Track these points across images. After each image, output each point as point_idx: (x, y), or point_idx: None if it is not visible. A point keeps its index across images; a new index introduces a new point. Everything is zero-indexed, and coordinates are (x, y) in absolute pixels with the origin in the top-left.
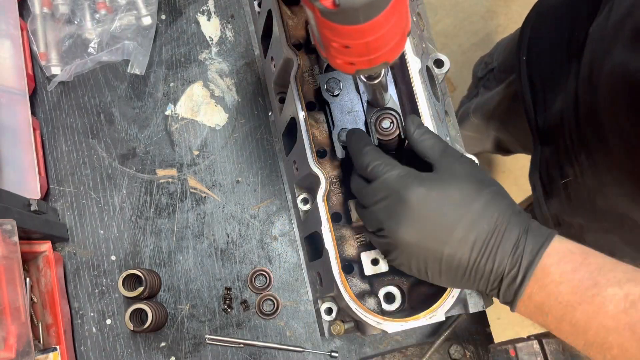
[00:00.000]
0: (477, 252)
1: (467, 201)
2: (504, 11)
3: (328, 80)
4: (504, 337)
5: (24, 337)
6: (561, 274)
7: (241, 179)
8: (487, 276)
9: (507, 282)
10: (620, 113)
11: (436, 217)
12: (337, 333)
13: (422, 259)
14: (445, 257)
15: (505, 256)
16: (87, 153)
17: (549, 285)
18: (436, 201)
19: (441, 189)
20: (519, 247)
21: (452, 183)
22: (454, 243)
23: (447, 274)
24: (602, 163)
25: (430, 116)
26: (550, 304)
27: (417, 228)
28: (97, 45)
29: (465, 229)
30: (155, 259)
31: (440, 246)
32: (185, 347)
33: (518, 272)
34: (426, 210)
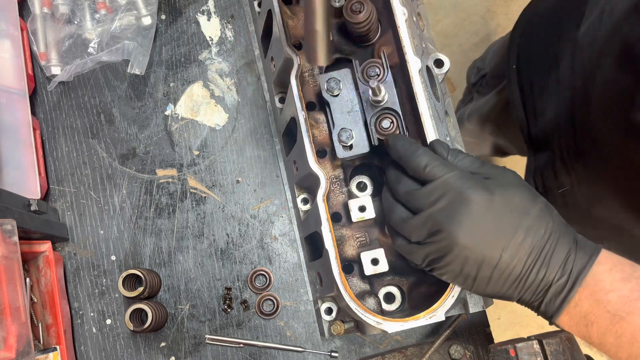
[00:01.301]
0: (533, 258)
1: (526, 207)
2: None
3: (328, 80)
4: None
5: (24, 337)
6: (612, 282)
7: (241, 179)
8: (537, 283)
9: (554, 290)
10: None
11: (497, 220)
12: (337, 333)
13: (476, 264)
14: (501, 263)
15: (558, 264)
16: (87, 153)
17: (598, 293)
18: (499, 204)
19: (502, 193)
20: (571, 255)
21: (511, 189)
22: (512, 248)
23: (496, 282)
24: (598, 173)
25: (430, 116)
26: (597, 313)
27: (479, 230)
28: (97, 45)
29: (524, 233)
30: (155, 259)
31: (498, 251)
32: (185, 347)
33: (568, 279)
34: (489, 213)
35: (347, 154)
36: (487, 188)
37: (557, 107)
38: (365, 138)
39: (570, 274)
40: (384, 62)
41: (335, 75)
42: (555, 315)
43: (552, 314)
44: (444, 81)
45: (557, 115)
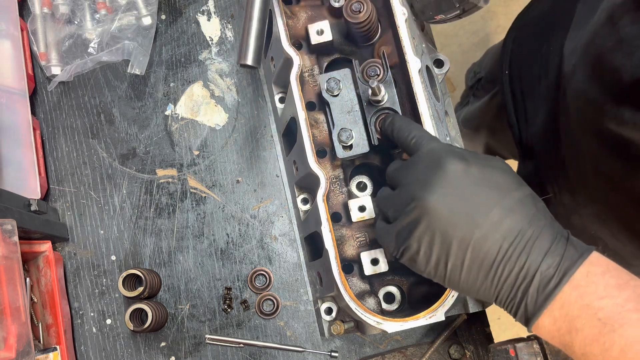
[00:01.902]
0: (509, 242)
1: (508, 188)
2: (504, 11)
3: (328, 80)
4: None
5: (24, 337)
6: (605, 287)
7: (241, 179)
8: (516, 274)
9: (538, 283)
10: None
11: (473, 194)
12: (337, 333)
13: (447, 241)
14: (475, 241)
15: (542, 252)
16: (87, 153)
17: (589, 297)
18: (476, 177)
19: (483, 168)
20: (559, 247)
21: (495, 168)
22: (487, 226)
23: (470, 268)
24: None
25: (430, 116)
26: (585, 319)
27: (451, 200)
28: (97, 45)
29: (502, 213)
30: (155, 259)
31: (471, 226)
32: (185, 347)
33: (555, 272)
34: (464, 184)
35: (347, 154)
36: (467, 160)
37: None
38: (365, 138)
39: (559, 266)
40: (384, 62)
41: (335, 75)
42: (537, 315)
43: (532, 313)
44: (444, 81)
45: (544, 123)
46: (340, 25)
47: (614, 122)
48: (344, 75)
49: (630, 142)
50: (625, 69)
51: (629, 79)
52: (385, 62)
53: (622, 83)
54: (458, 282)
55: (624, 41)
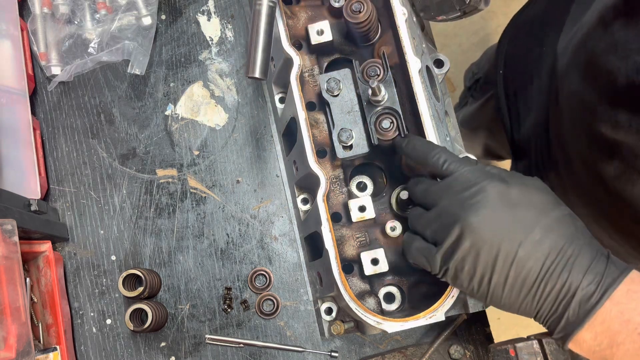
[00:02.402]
0: (551, 260)
1: (547, 207)
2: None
3: (328, 80)
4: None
5: (24, 337)
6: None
7: (241, 179)
8: (558, 290)
9: (579, 299)
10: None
11: (514, 214)
12: (337, 333)
13: (491, 259)
14: (518, 259)
15: (583, 269)
16: (87, 153)
17: (630, 313)
18: (516, 198)
19: (522, 188)
20: (599, 265)
21: (533, 187)
22: (529, 245)
23: (512, 285)
24: (569, 183)
25: (430, 116)
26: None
27: (493, 220)
28: (97, 45)
29: (543, 232)
30: (155, 259)
31: (514, 246)
32: (185, 347)
33: (596, 289)
34: (506, 205)
35: (347, 154)
36: (505, 181)
37: (536, 116)
38: (365, 138)
39: (600, 283)
40: (384, 62)
41: (335, 75)
42: (578, 329)
43: (573, 327)
44: (444, 81)
45: (536, 123)
46: (340, 25)
47: (607, 124)
48: (344, 75)
49: (624, 145)
50: (620, 72)
51: (624, 82)
52: (386, 62)
53: (616, 86)
54: (500, 298)
55: (618, 44)
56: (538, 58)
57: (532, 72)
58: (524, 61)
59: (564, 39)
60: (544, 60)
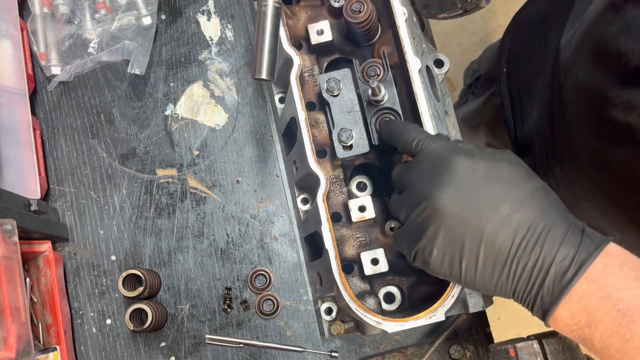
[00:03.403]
0: (521, 235)
1: (517, 181)
2: (504, 11)
3: (328, 80)
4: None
5: (24, 337)
6: (624, 279)
7: (241, 179)
8: (531, 268)
9: (553, 274)
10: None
11: (482, 189)
12: (337, 333)
13: (459, 239)
14: (487, 237)
15: (556, 244)
16: (87, 153)
17: (607, 288)
18: (484, 173)
19: (491, 163)
20: (573, 239)
21: (504, 161)
22: (498, 221)
23: (484, 264)
24: (574, 176)
25: (431, 116)
26: (604, 311)
27: (460, 197)
28: (97, 45)
29: (512, 207)
30: (155, 259)
31: (482, 222)
32: (185, 347)
33: (571, 263)
34: (472, 180)
35: (347, 154)
36: (473, 155)
37: (539, 112)
38: (365, 138)
39: (574, 258)
40: (384, 62)
41: (335, 75)
42: (553, 307)
43: (549, 306)
44: (444, 81)
45: (540, 119)
46: (340, 25)
47: (619, 108)
48: (344, 75)
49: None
50: (633, 54)
51: (637, 63)
52: (386, 62)
53: (629, 67)
54: (474, 280)
55: (632, 26)
56: (541, 55)
57: (535, 69)
58: (527, 59)
59: (567, 33)
60: (547, 57)
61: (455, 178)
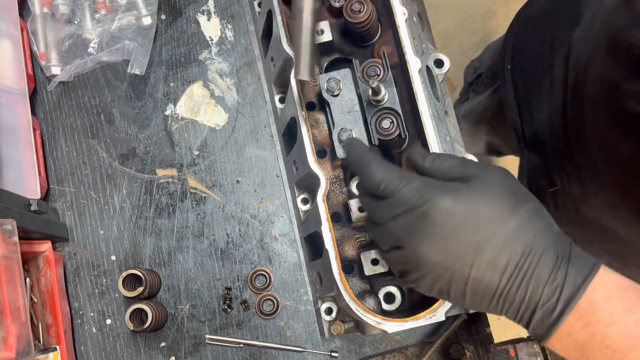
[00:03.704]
0: (507, 277)
1: (500, 219)
2: (504, 11)
3: (328, 80)
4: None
5: (24, 337)
6: (612, 314)
7: (241, 179)
8: (518, 305)
9: (540, 314)
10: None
11: (463, 235)
12: (337, 333)
13: (445, 280)
14: (472, 281)
15: (541, 284)
16: (87, 153)
17: (595, 325)
18: (463, 217)
19: (470, 203)
20: (559, 275)
21: (483, 196)
22: (482, 265)
23: (472, 298)
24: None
25: (430, 116)
26: (593, 347)
27: (442, 246)
28: (97, 45)
29: (496, 250)
30: (155, 259)
31: (466, 268)
32: (185, 347)
33: (557, 304)
34: (452, 227)
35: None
36: (451, 197)
37: (550, 107)
38: (365, 138)
39: (560, 297)
40: (384, 62)
41: (335, 75)
42: (545, 339)
43: (541, 338)
44: (444, 81)
45: (550, 114)
46: (340, 25)
47: (632, 99)
48: (344, 75)
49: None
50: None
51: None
52: (386, 62)
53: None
54: (463, 305)
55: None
56: (549, 51)
57: (544, 65)
58: (534, 55)
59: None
60: (556, 52)
61: (433, 227)
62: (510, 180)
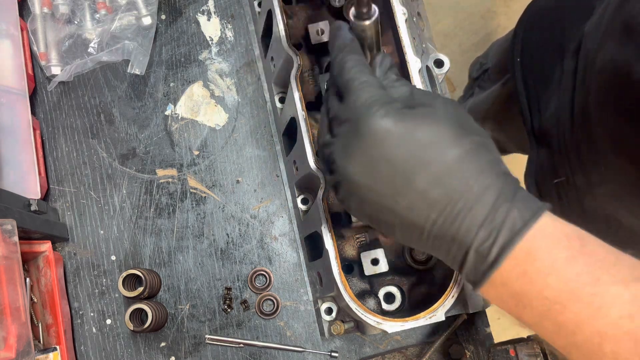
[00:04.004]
0: (438, 212)
1: (439, 147)
2: (504, 11)
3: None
4: (504, 337)
5: (24, 337)
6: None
7: (241, 179)
8: (448, 245)
9: (474, 258)
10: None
11: (395, 160)
12: (337, 333)
13: (374, 208)
14: (401, 211)
15: (475, 224)
16: (87, 153)
17: (533, 274)
18: (399, 140)
19: (408, 126)
20: (497, 217)
21: (426, 121)
22: (412, 195)
23: (402, 231)
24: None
25: None
26: (531, 297)
27: (371, 169)
28: (97, 45)
29: (430, 180)
30: (155, 259)
31: (394, 195)
32: (185, 347)
33: (491, 248)
34: (384, 149)
35: None
36: (392, 118)
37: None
38: None
39: (496, 240)
40: None
41: None
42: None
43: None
44: (444, 81)
45: (558, 107)
46: None
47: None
48: None
49: None
50: None
51: None
52: None
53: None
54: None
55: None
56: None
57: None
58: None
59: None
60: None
61: (364, 147)
62: (458, 111)
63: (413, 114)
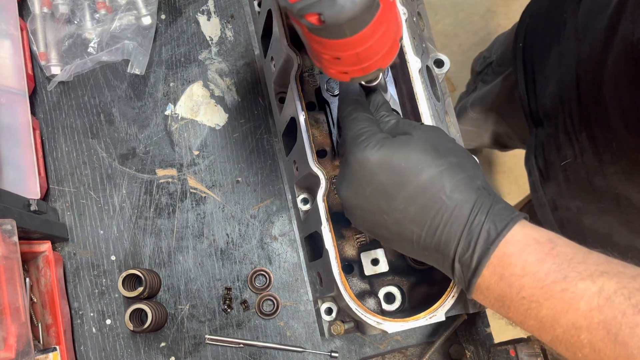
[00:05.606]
0: (419, 227)
1: (413, 170)
2: (504, 11)
3: (328, 80)
4: (504, 337)
5: (24, 337)
6: (524, 266)
7: (241, 179)
8: (436, 256)
9: (459, 268)
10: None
11: (377, 183)
12: (337, 333)
13: (369, 223)
14: (390, 225)
15: (454, 238)
16: (87, 153)
17: (509, 278)
18: (379, 166)
19: (389, 153)
20: (474, 229)
21: (402, 149)
22: (395, 213)
23: (396, 243)
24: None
25: (431, 116)
26: (512, 298)
27: (357, 191)
28: (97, 45)
29: (406, 199)
30: (155, 259)
31: (382, 213)
32: (185, 347)
33: (472, 258)
34: (366, 175)
35: None
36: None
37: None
38: None
39: (474, 252)
40: None
41: None
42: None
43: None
44: (444, 81)
45: (561, 87)
46: None
47: None
48: None
49: None
50: None
51: None
52: None
53: None
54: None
55: None
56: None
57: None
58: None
59: None
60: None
61: (350, 174)
62: (435, 137)
63: (391, 142)
